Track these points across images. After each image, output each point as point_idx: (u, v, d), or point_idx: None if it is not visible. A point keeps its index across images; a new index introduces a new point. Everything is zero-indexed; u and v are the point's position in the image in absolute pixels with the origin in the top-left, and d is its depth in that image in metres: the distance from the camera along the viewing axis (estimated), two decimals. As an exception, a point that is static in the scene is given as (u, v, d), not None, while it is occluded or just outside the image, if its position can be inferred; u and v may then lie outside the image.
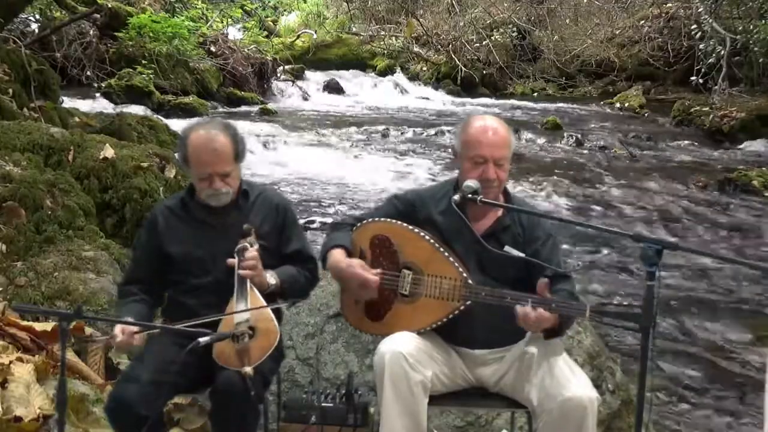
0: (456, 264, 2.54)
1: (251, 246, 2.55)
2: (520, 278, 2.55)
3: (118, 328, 2.49)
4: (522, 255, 2.52)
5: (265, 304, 2.51)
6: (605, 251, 6.39)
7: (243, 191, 2.73)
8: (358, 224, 2.73)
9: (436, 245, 2.58)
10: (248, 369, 2.33)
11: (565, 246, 5.96)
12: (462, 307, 2.52)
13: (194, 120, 2.90)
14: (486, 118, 2.65)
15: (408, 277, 2.59)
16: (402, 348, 2.42)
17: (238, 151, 2.64)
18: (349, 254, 2.64)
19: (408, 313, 2.59)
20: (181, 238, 2.69)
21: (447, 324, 2.56)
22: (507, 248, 2.53)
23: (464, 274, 2.53)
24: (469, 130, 2.61)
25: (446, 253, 2.56)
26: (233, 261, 2.53)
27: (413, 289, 2.59)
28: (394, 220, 2.67)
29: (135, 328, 2.48)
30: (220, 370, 2.43)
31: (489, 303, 2.48)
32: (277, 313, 2.78)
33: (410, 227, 2.63)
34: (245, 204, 2.73)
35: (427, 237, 2.60)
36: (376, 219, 2.71)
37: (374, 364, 2.49)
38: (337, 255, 2.63)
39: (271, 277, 2.61)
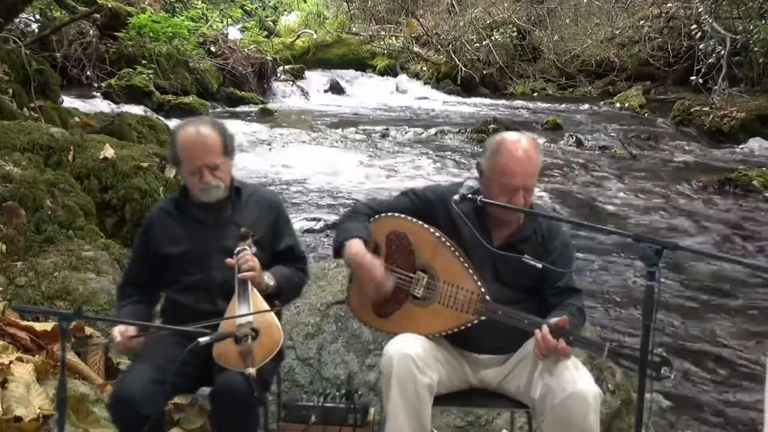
0: (475, 277, 2.51)
1: (250, 248, 2.55)
2: (534, 288, 2.56)
3: (116, 331, 2.51)
4: (539, 264, 2.49)
5: (266, 305, 2.50)
6: (604, 251, 6.38)
7: (236, 189, 2.74)
8: (375, 216, 2.67)
9: (457, 254, 2.54)
10: (252, 370, 2.32)
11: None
12: (475, 321, 2.50)
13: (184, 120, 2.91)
14: (520, 141, 2.51)
15: (423, 280, 2.57)
16: (410, 350, 2.41)
17: (227, 145, 2.65)
18: (366, 246, 2.57)
19: (417, 316, 2.56)
20: (177, 239, 2.70)
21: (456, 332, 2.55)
22: (526, 257, 2.49)
23: (482, 289, 2.50)
24: (503, 154, 2.49)
25: (466, 264, 2.52)
26: (232, 261, 2.53)
27: (426, 293, 2.56)
28: (414, 219, 2.62)
29: (133, 331, 2.49)
30: (220, 371, 2.42)
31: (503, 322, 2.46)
32: (278, 313, 2.79)
33: (431, 230, 2.58)
34: (238, 202, 2.74)
35: (448, 243, 2.55)
36: (395, 215, 2.65)
37: (381, 365, 2.47)
38: (358, 246, 2.55)
39: (269, 279, 2.61)
